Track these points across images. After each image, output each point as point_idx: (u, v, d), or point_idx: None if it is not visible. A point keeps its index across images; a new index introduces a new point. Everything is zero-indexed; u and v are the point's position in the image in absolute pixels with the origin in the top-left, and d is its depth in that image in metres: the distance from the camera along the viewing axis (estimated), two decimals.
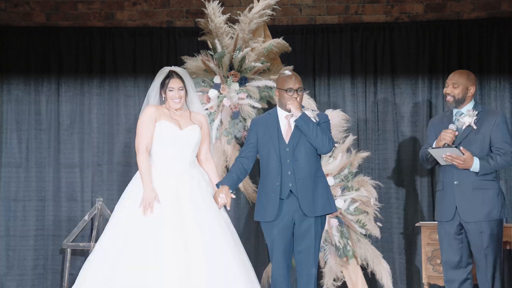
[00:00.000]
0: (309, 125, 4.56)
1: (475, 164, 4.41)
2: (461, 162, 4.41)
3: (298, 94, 4.69)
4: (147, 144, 4.60)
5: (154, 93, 4.72)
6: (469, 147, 4.46)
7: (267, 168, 4.71)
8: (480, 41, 6.32)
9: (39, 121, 6.50)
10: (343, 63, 6.44)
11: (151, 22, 6.53)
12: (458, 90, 4.60)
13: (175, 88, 4.63)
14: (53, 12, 6.50)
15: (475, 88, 4.65)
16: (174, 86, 4.63)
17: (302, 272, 4.69)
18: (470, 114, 4.54)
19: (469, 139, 4.50)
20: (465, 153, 4.39)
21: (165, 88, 4.66)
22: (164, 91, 4.67)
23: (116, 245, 4.35)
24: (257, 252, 6.22)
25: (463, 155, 4.39)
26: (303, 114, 4.55)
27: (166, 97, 4.68)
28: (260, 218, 4.73)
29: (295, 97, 4.67)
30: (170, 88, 4.63)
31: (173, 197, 4.48)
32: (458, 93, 4.60)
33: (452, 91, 4.62)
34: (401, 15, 6.41)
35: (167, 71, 4.71)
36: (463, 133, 4.53)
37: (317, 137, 4.58)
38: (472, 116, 4.53)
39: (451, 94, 4.61)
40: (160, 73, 4.72)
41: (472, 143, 4.48)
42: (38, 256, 6.41)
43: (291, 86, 4.71)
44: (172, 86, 4.62)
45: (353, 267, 5.94)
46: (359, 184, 6.02)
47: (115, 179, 6.41)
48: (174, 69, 4.73)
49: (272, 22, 6.27)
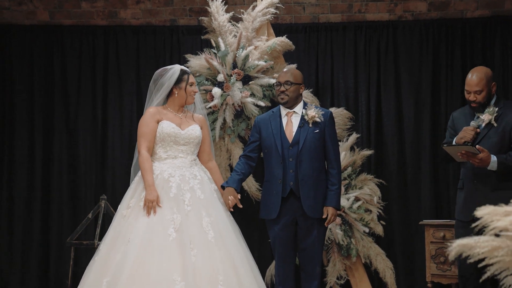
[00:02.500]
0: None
1: (493, 163, 4.30)
2: (477, 161, 4.33)
3: (285, 87, 4.69)
4: (148, 144, 4.61)
5: (167, 89, 4.73)
6: (488, 143, 4.36)
7: (270, 167, 4.72)
8: (484, 40, 6.31)
9: (44, 119, 6.50)
10: (346, 62, 6.43)
11: (154, 21, 6.53)
12: (483, 95, 4.47)
13: (194, 83, 4.76)
14: (56, 10, 6.50)
15: (496, 84, 4.54)
16: (194, 81, 4.76)
17: (306, 271, 4.70)
18: (490, 111, 4.44)
19: (489, 135, 4.40)
20: (481, 152, 4.31)
21: (182, 83, 4.70)
22: (179, 86, 4.71)
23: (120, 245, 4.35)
24: (260, 250, 6.22)
25: (479, 153, 4.32)
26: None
27: (180, 93, 4.71)
28: (264, 215, 4.74)
29: (282, 90, 4.69)
30: (191, 83, 4.73)
31: (175, 197, 4.49)
32: (483, 97, 4.47)
33: (476, 98, 4.48)
34: (404, 14, 6.40)
35: (179, 68, 4.76)
36: (483, 130, 4.43)
37: None
38: (492, 114, 4.43)
39: (476, 101, 4.50)
40: (173, 70, 4.75)
41: (491, 139, 4.39)
42: (42, 253, 6.42)
43: (278, 79, 4.75)
44: (192, 81, 4.75)
45: (357, 265, 5.95)
46: (362, 182, 6.03)
47: (118, 177, 6.41)
48: (185, 68, 4.83)
49: (276, 20, 6.27)
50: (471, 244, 2.55)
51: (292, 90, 4.68)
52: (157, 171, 4.58)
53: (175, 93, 4.72)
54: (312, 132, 4.65)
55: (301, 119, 4.69)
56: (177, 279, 4.15)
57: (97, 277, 4.29)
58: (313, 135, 4.64)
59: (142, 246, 4.26)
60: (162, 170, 4.58)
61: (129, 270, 4.18)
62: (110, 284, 4.18)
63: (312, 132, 4.65)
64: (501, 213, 2.56)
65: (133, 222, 4.41)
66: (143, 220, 4.39)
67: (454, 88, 6.29)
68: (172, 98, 4.75)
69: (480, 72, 4.53)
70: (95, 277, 4.30)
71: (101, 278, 4.25)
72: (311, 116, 4.65)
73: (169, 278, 4.15)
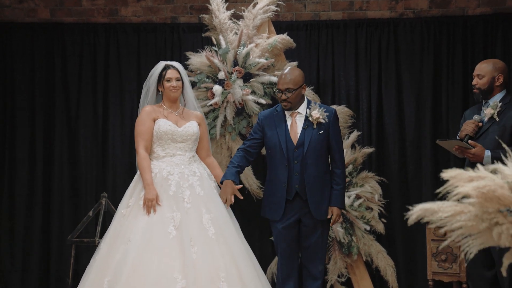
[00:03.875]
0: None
1: (486, 157, 4.28)
2: (471, 156, 4.32)
3: (286, 95, 4.63)
4: (146, 143, 4.61)
5: (152, 88, 4.74)
6: (486, 138, 4.34)
7: (274, 167, 4.68)
8: (485, 37, 6.29)
9: (45, 117, 6.50)
10: (347, 59, 6.42)
11: (155, 18, 6.52)
12: (483, 81, 4.44)
13: (173, 78, 4.71)
14: (57, 8, 6.50)
15: (504, 77, 4.49)
16: (172, 76, 4.72)
17: (309, 269, 4.68)
18: (493, 106, 4.42)
19: (490, 130, 4.37)
20: (474, 146, 4.31)
21: (162, 80, 4.70)
22: (161, 84, 4.71)
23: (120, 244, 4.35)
24: (261, 248, 6.21)
25: (472, 148, 4.30)
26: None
27: (164, 89, 4.71)
28: (267, 215, 4.72)
29: (284, 98, 4.62)
30: (168, 78, 4.70)
31: (174, 195, 4.48)
32: (484, 84, 4.44)
33: (477, 82, 4.45)
34: (405, 11, 6.39)
35: (163, 65, 4.76)
36: (485, 124, 4.41)
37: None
38: (495, 108, 4.40)
39: (477, 86, 4.47)
40: (156, 68, 4.77)
41: (490, 134, 4.36)
42: (42, 251, 6.42)
43: (279, 86, 4.69)
44: (170, 76, 4.71)
45: (358, 263, 5.94)
46: (364, 180, 6.02)
47: (119, 174, 6.41)
48: (169, 62, 4.81)
49: (277, 18, 6.27)
50: (434, 209, 2.58)
51: (294, 97, 4.62)
52: (156, 170, 4.57)
53: (160, 91, 4.74)
54: (317, 133, 4.61)
55: (306, 120, 4.64)
56: (178, 277, 4.15)
57: (98, 276, 4.29)
58: (317, 137, 4.61)
59: (142, 245, 4.26)
60: (160, 169, 4.58)
61: (129, 269, 4.17)
62: (111, 283, 4.18)
63: (316, 133, 4.61)
64: (465, 178, 2.57)
65: (132, 221, 4.40)
66: (142, 219, 4.39)
67: (455, 85, 6.27)
68: (163, 95, 4.77)
69: (490, 60, 4.57)
70: (96, 276, 4.30)
71: (102, 278, 4.25)
72: (315, 118, 4.61)
73: (170, 276, 4.15)
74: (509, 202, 2.50)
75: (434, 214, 2.58)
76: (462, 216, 2.54)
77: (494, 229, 2.49)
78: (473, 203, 2.52)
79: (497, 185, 2.51)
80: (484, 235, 2.53)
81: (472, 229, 2.53)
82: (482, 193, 2.49)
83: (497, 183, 2.51)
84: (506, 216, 2.47)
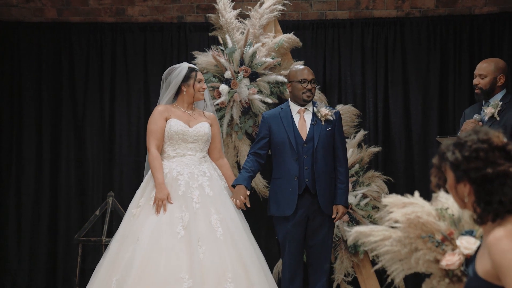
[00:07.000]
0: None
1: None
2: None
3: (312, 85, 4.72)
4: (157, 142, 4.62)
5: (173, 84, 4.75)
6: None
7: (283, 164, 4.70)
8: (492, 36, 6.28)
9: (52, 116, 6.52)
10: (353, 58, 6.42)
11: (161, 18, 6.53)
12: (486, 81, 4.43)
13: (203, 80, 4.79)
14: (64, 8, 6.51)
15: (505, 77, 4.48)
16: (202, 78, 4.81)
17: (314, 267, 4.70)
18: (494, 105, 4.41)
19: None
20: None
21: (190, 80, 4.73)
22: (187, 84, 4.73)
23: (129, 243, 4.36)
24: (267, 247, 6.21)
25: None
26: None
27: (192, 89, 4.73)
28: (277, 212, 4.72)
29: (310, 88, 4.70)
30: (199, 79, 4.76)
31: (184, 195, 4.49)
32: (486, 84, 4.43)
33: (479, 82, 4.45)
34: (412, 10, 6.38)
35: (187, 66, 4.79)
36: (485, 123, 4.40)
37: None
38: (496, 107, 4.39)
39: (478, 86, 4.46)
40: (180, 68, 4.78)
41: None
42: (49, 250, 6.44)
43: (305, 77, 4.76)
44: (201, 78, 4.79)
45: (364, 262, 5.94)
46: (370, 179, 6.02)
47: (126, 173, 6.42)
48: (193, 65, 4.87)
49: (283, 17, 6.27)
50: (367, 232, 2.61)
51: (315, 89, 4.75)
52: (166, 170, 4.59)
53: (183, 91, 4.74)
54: (325, 129, 4.68)
55: (313, 116, 4.71)
56: (185, 277, 4.16)
57: (106, 275, 4.31)
58: (326, 133, 4.67)
59: (150, 244, 4.28)
60: (171, 169, 4.59)
61: (137, 268, 4.19)
62: (119, 282, 4.20)
63: (325, 129, 4.68)
64: (399, 204, 2.62)
65: (142, 221, 4.42)
66: (152, 218, 4.40)
67: (462, 85, 6.26)
68: (181, 96, 4.76)
69: (492, 60, 4.56)
70: (105, 275, 4.32)
71: (111, 276, 4.27)
72: (324, 114, 4.67)
73: (177, 276, 4.16)
74: (432, 228, 2.55)
75: (367, 237, 2.63)
76: (389, 241, 2.58)
77: (413, 255, 2.53)
78: (400, 228, 2.57)
79: (424, 212, 2.56)
80: (408, 260, 2.58)
81: (396, 254, 2.58)
82: (408, 219, 2.54)
83: (425, 210, 2.57)
84: (426, 242, 2.51)
